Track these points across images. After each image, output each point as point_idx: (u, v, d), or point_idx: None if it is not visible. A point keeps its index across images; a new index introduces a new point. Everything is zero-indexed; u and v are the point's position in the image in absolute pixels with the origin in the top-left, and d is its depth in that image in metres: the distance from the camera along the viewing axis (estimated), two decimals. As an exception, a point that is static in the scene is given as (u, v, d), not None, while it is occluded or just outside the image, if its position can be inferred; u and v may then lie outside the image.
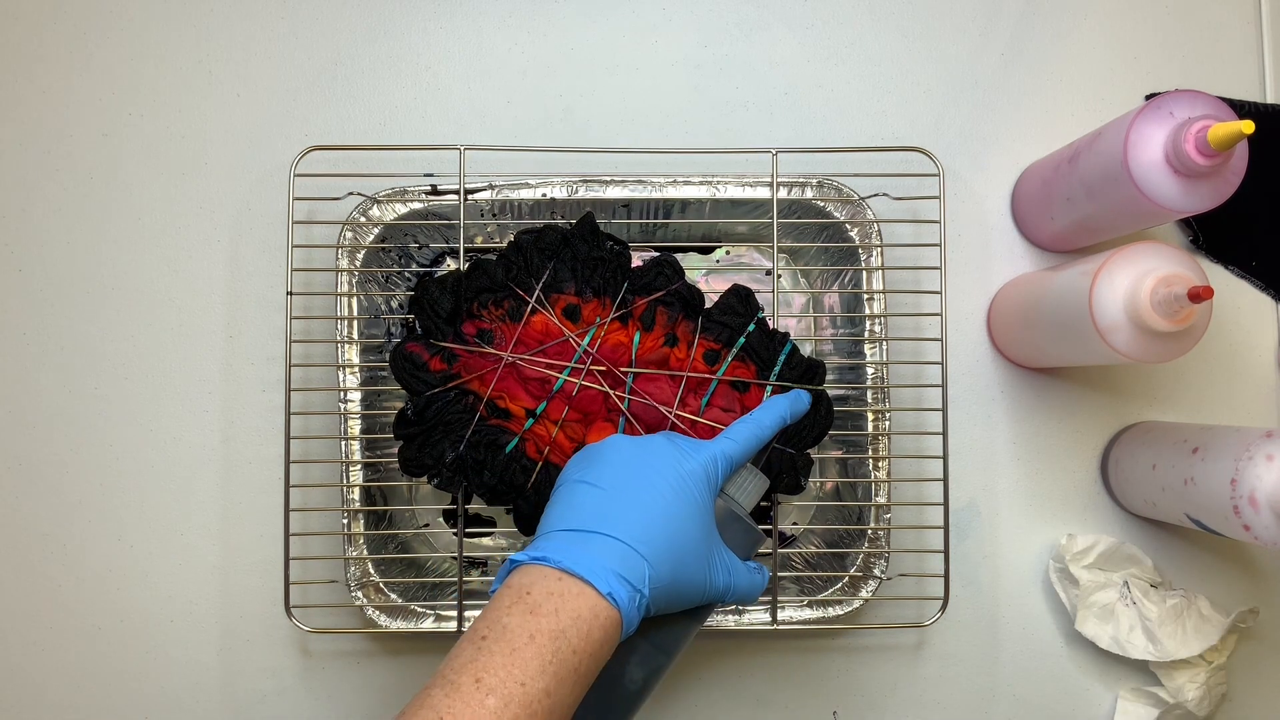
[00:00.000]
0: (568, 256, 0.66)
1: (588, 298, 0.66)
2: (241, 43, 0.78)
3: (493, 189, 0.72)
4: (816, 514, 0.77)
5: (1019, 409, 0.77)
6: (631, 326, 0.66)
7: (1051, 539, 0.77)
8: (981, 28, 0.79)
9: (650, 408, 0.65)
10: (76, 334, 0.76)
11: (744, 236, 0.77)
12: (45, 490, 0.75)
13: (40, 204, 0.76)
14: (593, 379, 0.65)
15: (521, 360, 0.65)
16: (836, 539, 0.75)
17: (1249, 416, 0.78)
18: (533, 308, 0.65)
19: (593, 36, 0.78)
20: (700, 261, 0.78)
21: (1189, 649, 0.71)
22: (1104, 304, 0.62)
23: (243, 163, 0.77)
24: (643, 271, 0.66)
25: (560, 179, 0.72)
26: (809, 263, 0.77)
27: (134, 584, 0.75)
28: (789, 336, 0.67)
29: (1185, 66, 0.79)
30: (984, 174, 0.78)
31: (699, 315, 0.67)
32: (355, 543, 0.70)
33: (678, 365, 0.66)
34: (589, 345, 0.65)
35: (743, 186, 0.72)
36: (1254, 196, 0.65)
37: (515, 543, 0.76)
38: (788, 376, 0.66)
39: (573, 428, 0.65)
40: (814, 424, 0.66)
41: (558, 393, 0.65)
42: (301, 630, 0.70)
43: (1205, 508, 0.64)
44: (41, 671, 0.74)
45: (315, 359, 0.72)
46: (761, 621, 0.71)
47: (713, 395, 0.66)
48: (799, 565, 0.76)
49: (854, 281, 0.74)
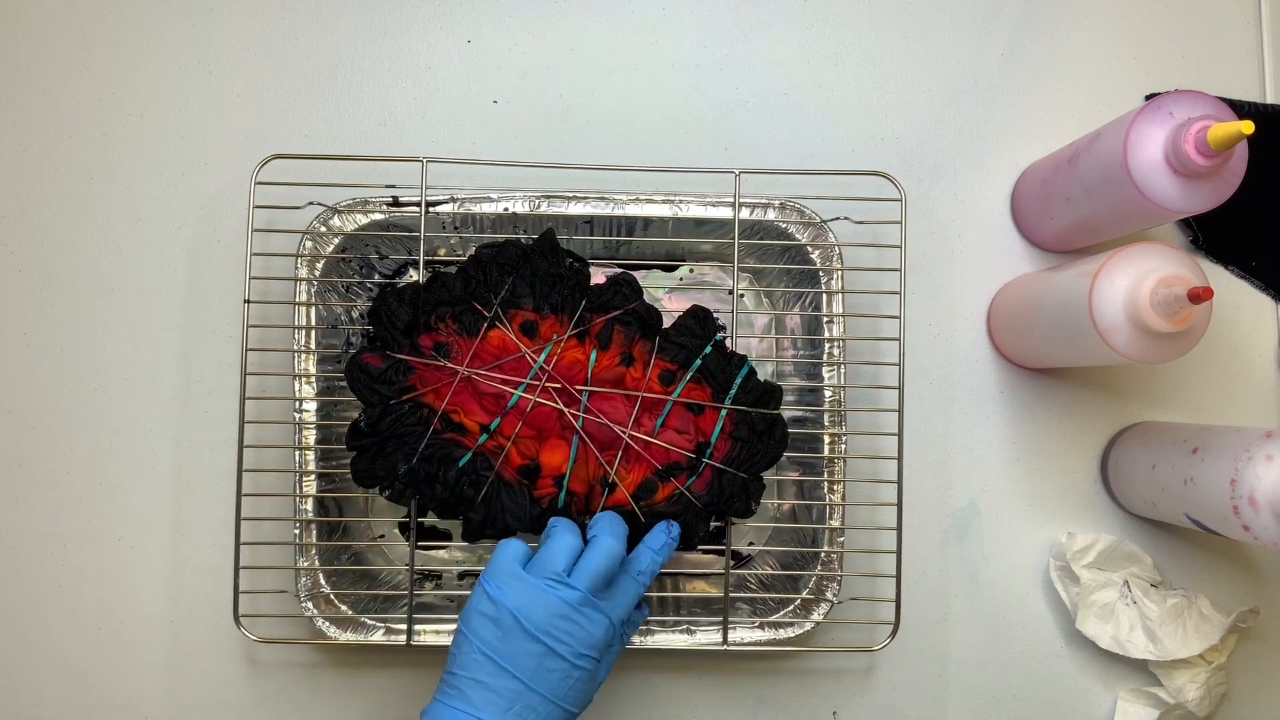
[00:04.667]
0: (527, 272, 0.66)
1: (545, 314, 0.66)
2: (241, 43, 0.78)
3: (454, 201, 0.71)
4: (773, 535, 0.76)
5: (1019, 409, 0.77)
6: (588, 345, 0.66)
7: (1051, 539, 0.77)
8: (981, 28, 0.79)
9: (604, 426, 0.65)
10: (76, 334, 0.76)
11: (708, 255, 0.77)
12: (45, 490, 0.75)
13: (40, 204, 0.76)
14: (548, 396, 0.65)
15: (477, 375, 0.65)
16: (791, 561, 0.74)
17: (1249, 416, 0.78)
18: (490, 323, 0.65)
19: (593, 36, 0.78)
20: (663, 279, 0.77)
21: (1189, 648, 0.71)
22: (1104, 305, 0.62)
23: (243, 162, 0.77)
24: (601, 290, 0.67)
25: (523, 194, 0.71)
26: (771, 283, 0.77)
27: (134, 584, 0.75)
28: (746, 359, 0.67)
29: (1185, 66, 0.79)
30: (984, 174, 0.78)
31: (656, 335, 0.67)
32: (307, 553, 0.69)
33: (633, 385, 0.66)
34: (545, 362, 0.65)
35: (705, 206, 0.72)
36: (1254, 196, 0.65)
37: (470, 555, 0.76)
38: (743, 400, 0.66)
39: (526, 444, 0.65)
40: (767, 448, 0.66)
41: (512, 409, 0.65)
42: (249, 639, 0.69)
43: (1205, 508, 0.64)
44: (41, 671, 0.74)
45: (272, 367, 0.70)
46: (712, 642, 0.70)
47: (667, 416, 0.66)
48: (753, 586, 0.75)
49: (814, 304, 0.74)
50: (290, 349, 0.70)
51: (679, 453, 0.66)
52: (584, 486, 0.65)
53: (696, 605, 0.74)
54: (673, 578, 0.75)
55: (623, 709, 0.75)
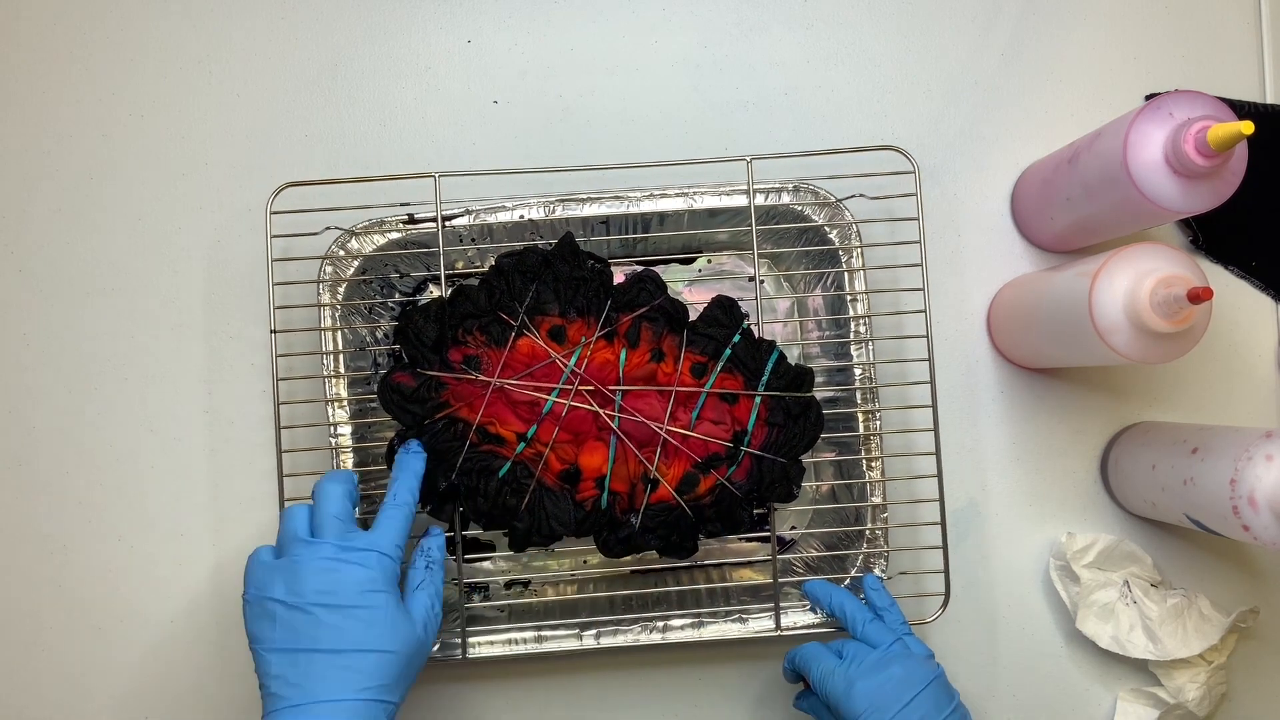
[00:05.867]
0: (549, 278, 0.66)
1: (572, 318, 0.66)
2: (241, 43, 0.78)
3: (469, 214, 0.71)
4: (814, 517, 0.77)
5: (1019, 409, 0.77)
6: (617, 344, 0.66)
7: (1051, 539, 0.77)
8: (981, 28, 0.79)
9: (641, 424, 0.65)
10: (76, 334, 0.76)
11: (725, 244, 0.77)
12: (45, 490, 0.75)
13: (40, 204, 0.76)
14: (581, 399, 0.65)
15: (509, 385, 0.65)
16: (835, 541, 0.75)
17: (1249, 417, 0.78)
18: (518, 331, 0.65)
19: (593, 36, 0.78)
20: (682, 272, 0.77)
21: (1189, 648, 0.71)
22: (1103, 305, 0.62)
23: (243, 161, 0.77)
24: (625, 288, 0.67)
25: (537, 199, 0.71)
26: (791, 267, 0.77)
27: (134, 584, 0.75)
28: (775, 345, 0.67)
29: (1185, 66, 0.79)
30: (984, 174, 0.78)
31: (684, 329, 0.67)
32: None
33: (665, 380, 0.66)
34: (576, 365, 0.65)
35: (719, 195, 0.72)
36: (1254, 197, 0.64)
37: (515, 564, 0.76)
38: (776, 385, 0.66)
39: (565, 449, 0.65)
40: (804, 431, 0.66)
41: (547, 415, 0.65)
42: None
43: (1204, 508, 0.64)
44: (41, 671, 0.74)
45: (301, 395, 0.70)
46: (766, 629, 0.70)
47: (702, 408, 0.66)
48: (800, 570, 0.76)
49: (837, 284, 0.74)
50: (320, 375, 0.70)
51: (717, 443, 0.66)
52: (626, 486, 0.66)
53: (745, 594, 0.74)
54: (719, 568, 0.76)
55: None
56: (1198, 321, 0.61)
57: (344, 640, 0.56)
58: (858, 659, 0.64)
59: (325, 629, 0.56)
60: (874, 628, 0.66)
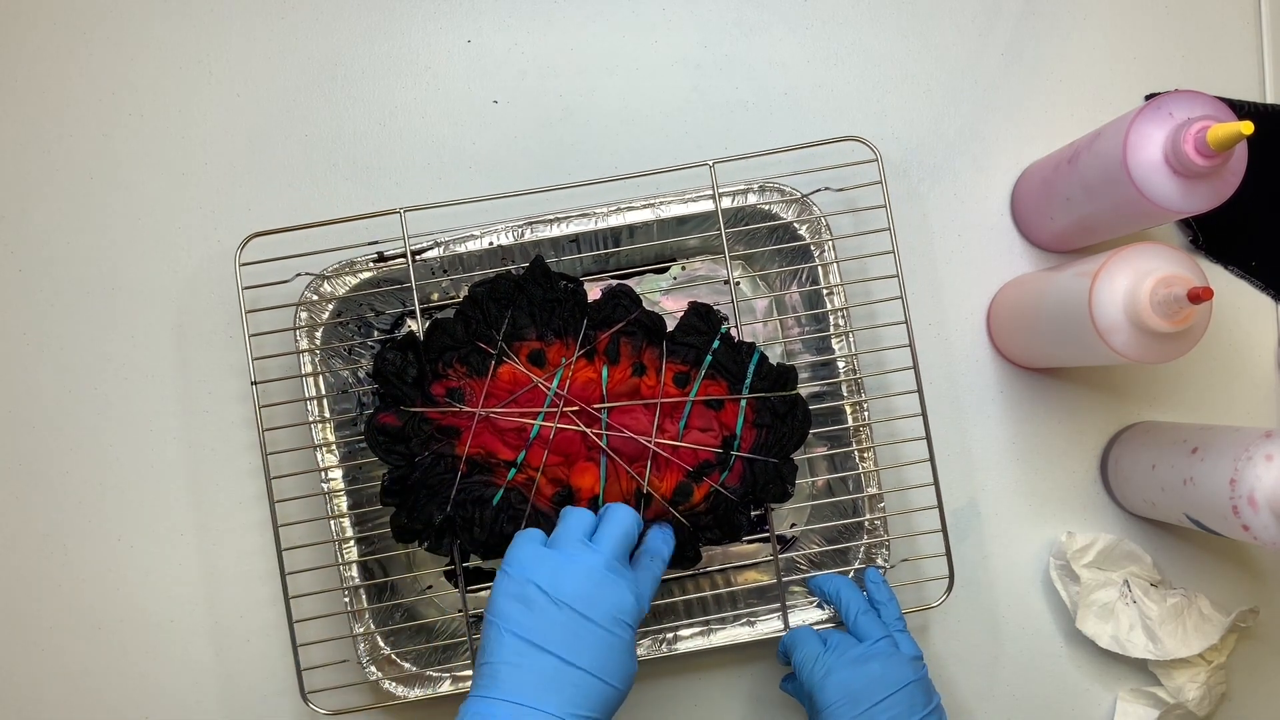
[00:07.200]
0: (524, 302, 0.66)
1: (550, 340, 0.66)
2: (241, 43, 0.78)
3: (439, 246, 0.71)
4: (813, 513, 0.77)
5: (1019, 409, 0.77)
6: (598, 362, 0.66)
7: (1051, 539, 0.77)
8: (981, 28, 0.79)
9: (629, 440, 0.65)
10: (76, 334, 0.76)
11: (697, 250, 0.77)
12: (45, 490, 0.75)
13: (40, 204, 0.76)
14: (568, 420, 0.65)
15: (494, 413, 0.65)
16: (836, 535, 0.75)
17: (1248, 416, 0.78)
18: (498, 359, 0.65)
19: (593, 36, 0.78)
20: (657, 282, 0.77)
21: (1189, 648, 0.71)
22: (1103, 305, 0.62)
23: (243, 161, 0.77)
24: (600, 306, 0.67)
25: (505, 225, 0.71)
26: (765, 266, 0.77)
27: (134, 584, 0.75)
28: (755, 346, 0.67)
29: (1185, 66, 0.79)
30: (984, 174, 0.78)
31: (663, 339, 0.67)
32: (361, 618, 0.69)
33: (649, 393, 0.66)
34: (559, 388, 0.65)
35: (685, 203, 0.72)
36: (1254, 196, 0.64)
37: None
38: (760, 387, 0.66)
39: (555, 471, 0.65)
40: (792, 429, 0.66)
41: (535, 439, 0.65)
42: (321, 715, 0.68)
43: (1204, 508, 0.64)
44: (41, 671, 0.74)
45: (285, 444, 0.70)
46: (774, 630, 0.70)
47: (689, 417, 0.66)
48: (804, 566, 0.76)
49: (811, 278, 0.74)
50: (305, 421, 0.70)
51: (707, 451, 0.66)
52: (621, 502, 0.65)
53: (752, 596, 0.74)
54: (723, 572, 0.76)
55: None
56: (1198, 321, 0.61)
57: (582, 656, 0.55)
58: (840, 650, 0.64)
59: (571, 636, 0.55)
60: (866, 620, 0.66)
